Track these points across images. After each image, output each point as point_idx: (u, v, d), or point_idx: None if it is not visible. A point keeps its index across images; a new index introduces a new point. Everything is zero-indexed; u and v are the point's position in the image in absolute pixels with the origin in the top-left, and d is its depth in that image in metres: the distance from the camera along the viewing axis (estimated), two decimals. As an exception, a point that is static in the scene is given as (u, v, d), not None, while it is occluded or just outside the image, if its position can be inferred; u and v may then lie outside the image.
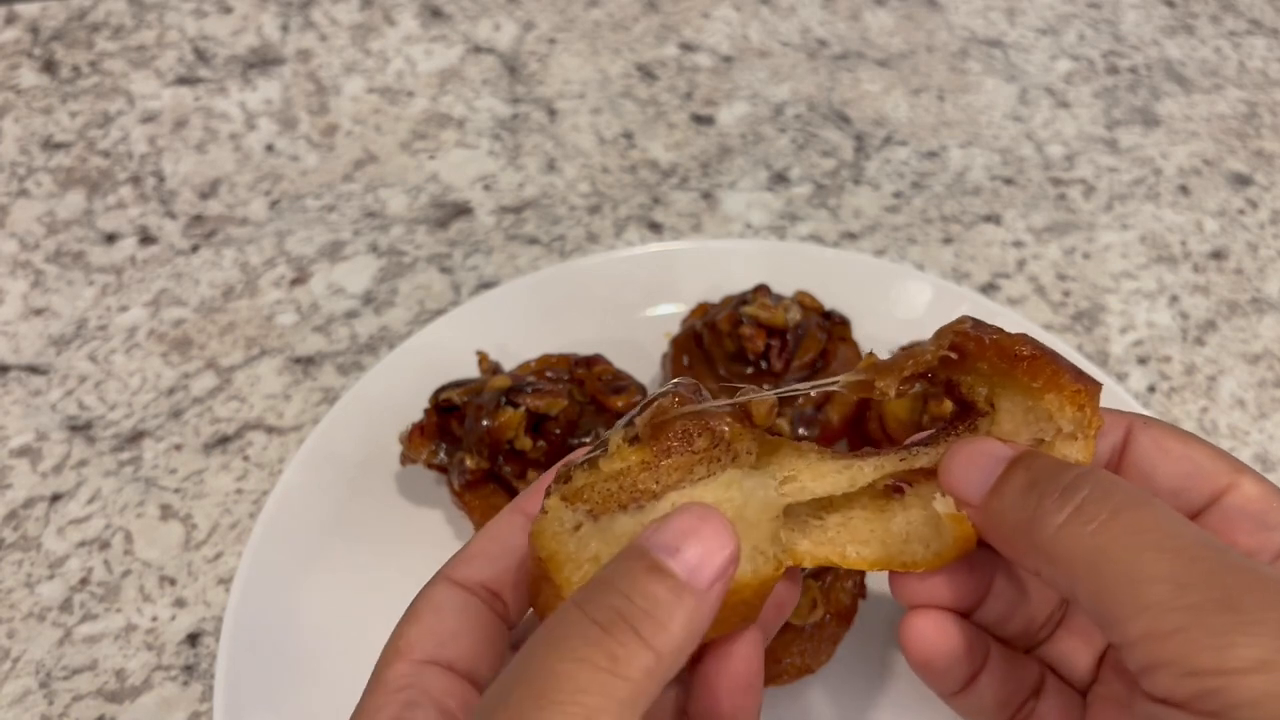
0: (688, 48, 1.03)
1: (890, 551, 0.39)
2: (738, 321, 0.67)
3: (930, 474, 0.39)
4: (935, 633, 0.39)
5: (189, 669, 0.62)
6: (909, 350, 0.38)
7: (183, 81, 0.97)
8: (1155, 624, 0.30)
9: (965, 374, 0.39)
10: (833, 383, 0.38)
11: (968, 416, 0.39)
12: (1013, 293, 0.83)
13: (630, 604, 0.31)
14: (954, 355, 0.38)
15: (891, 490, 0.40)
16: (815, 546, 0.38)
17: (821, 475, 0.39)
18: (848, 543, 0.39)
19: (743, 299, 0.69)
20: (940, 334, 0.38)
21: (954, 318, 0.39)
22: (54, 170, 0.90)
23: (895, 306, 0.76)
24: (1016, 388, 0.38)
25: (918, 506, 0.39)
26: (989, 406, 0.39)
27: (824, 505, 0.39)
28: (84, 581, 0.66)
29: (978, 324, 0.38)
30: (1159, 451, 0.38)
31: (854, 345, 0.71)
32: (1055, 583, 0.34)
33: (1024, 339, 0.37)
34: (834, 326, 0.70)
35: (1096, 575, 0.32)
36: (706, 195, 0.90)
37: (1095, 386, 0.37)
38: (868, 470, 0.39)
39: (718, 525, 0.33)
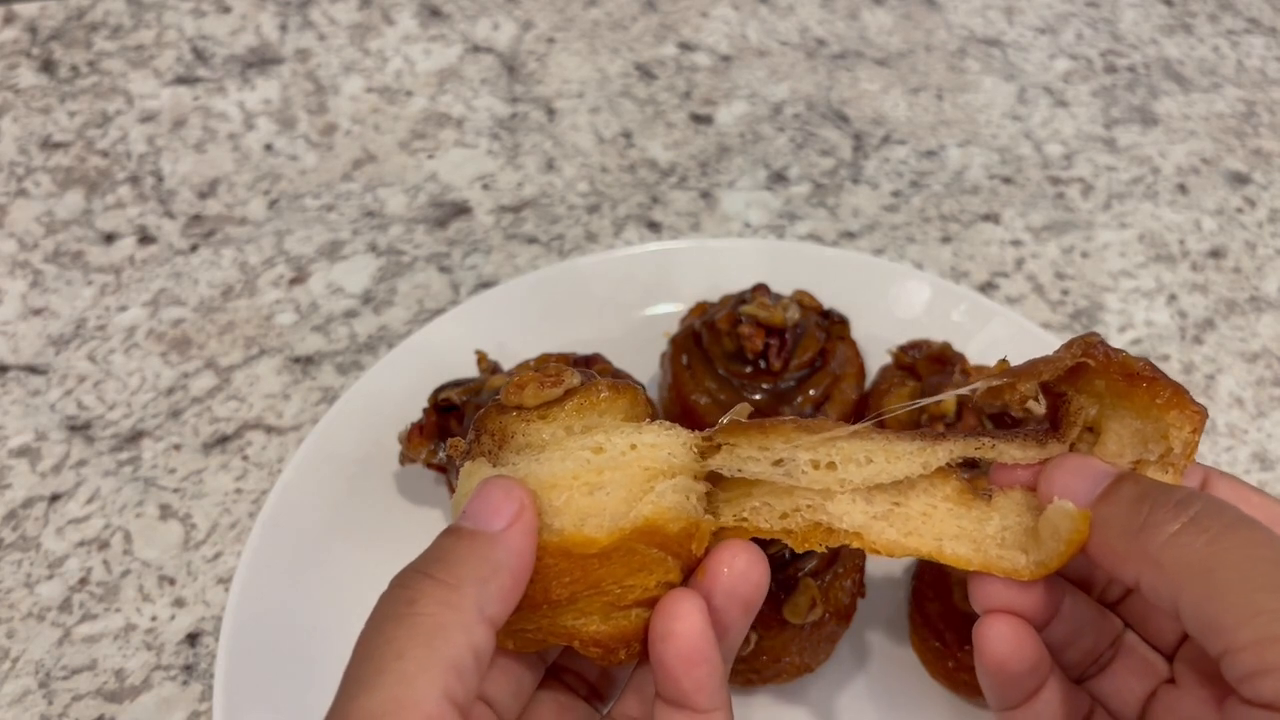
0: (686, 47, 1.03)
1: (988, 557, 0.40)
2: (737, 321, 0.67)
3: (1029, 486, 0.41)
4: (1014, 637, 0.40)
5: (188, 669, 0.62)
6: (1042, 357, 0.40)
7: (181, 81, 0.97)
8: (1268, 629, 0.31)
9: (1080, 391, 0.41)
10: (971, 389, 0.41)
11: (1056, 428, 0.41)
12: (1011, 291, 0.83)
13: (427, 561, 0.35)
14: (1091, 362, 0.39)
15: (977, 493, 0.41)
16: (905, 537, 0.40)
17: (897, 456, 0.40)
18: (941, 537, 0.40)
19: (741, 298, 0.69)
20: (1072, 344, 0.40)
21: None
22: (53, 170, 0.90)
23: (894, 305, 0.76)
24: (1130, 408, 0.40)
25: (1013, 513, 0.40)
26: (1087, 430, 0.41)
27: (899, 490, 0.41)
28: (83, 581, 0.66)
29: (1104, 341, 0.40)
30: (1237, 498, 0.40)
31: (853, 344, 0.71)
32: (1156, 591, 0.35)
33: (1146, 361, 0.39)
34: (833, 325, 0.70)
35: (1208, 582, 0.33)
36: (705, 194, 0.90)
37: (1206, 414, 0.39)
38: (940, 453, 0.40)
39: (504, 485, 0.36)
